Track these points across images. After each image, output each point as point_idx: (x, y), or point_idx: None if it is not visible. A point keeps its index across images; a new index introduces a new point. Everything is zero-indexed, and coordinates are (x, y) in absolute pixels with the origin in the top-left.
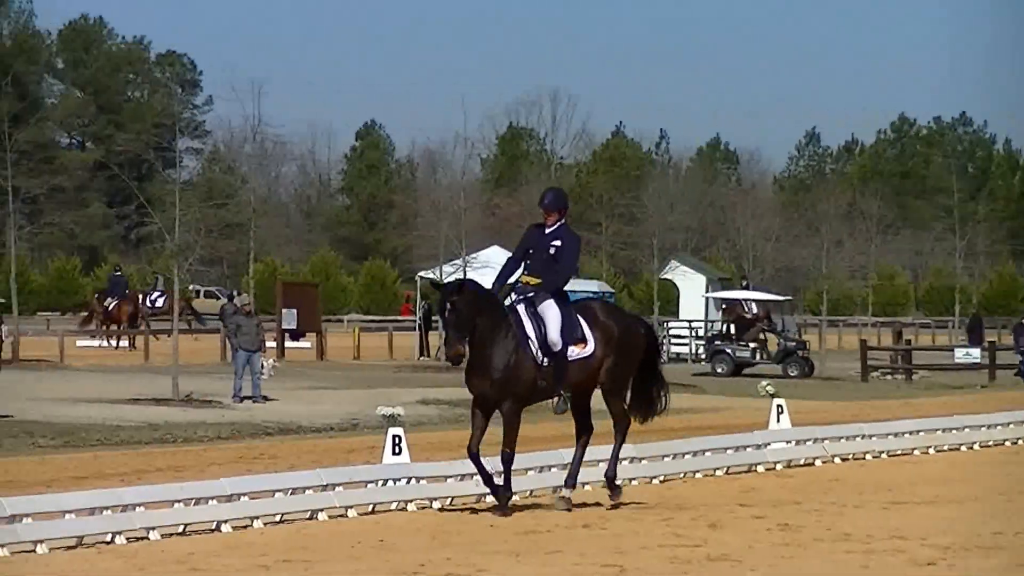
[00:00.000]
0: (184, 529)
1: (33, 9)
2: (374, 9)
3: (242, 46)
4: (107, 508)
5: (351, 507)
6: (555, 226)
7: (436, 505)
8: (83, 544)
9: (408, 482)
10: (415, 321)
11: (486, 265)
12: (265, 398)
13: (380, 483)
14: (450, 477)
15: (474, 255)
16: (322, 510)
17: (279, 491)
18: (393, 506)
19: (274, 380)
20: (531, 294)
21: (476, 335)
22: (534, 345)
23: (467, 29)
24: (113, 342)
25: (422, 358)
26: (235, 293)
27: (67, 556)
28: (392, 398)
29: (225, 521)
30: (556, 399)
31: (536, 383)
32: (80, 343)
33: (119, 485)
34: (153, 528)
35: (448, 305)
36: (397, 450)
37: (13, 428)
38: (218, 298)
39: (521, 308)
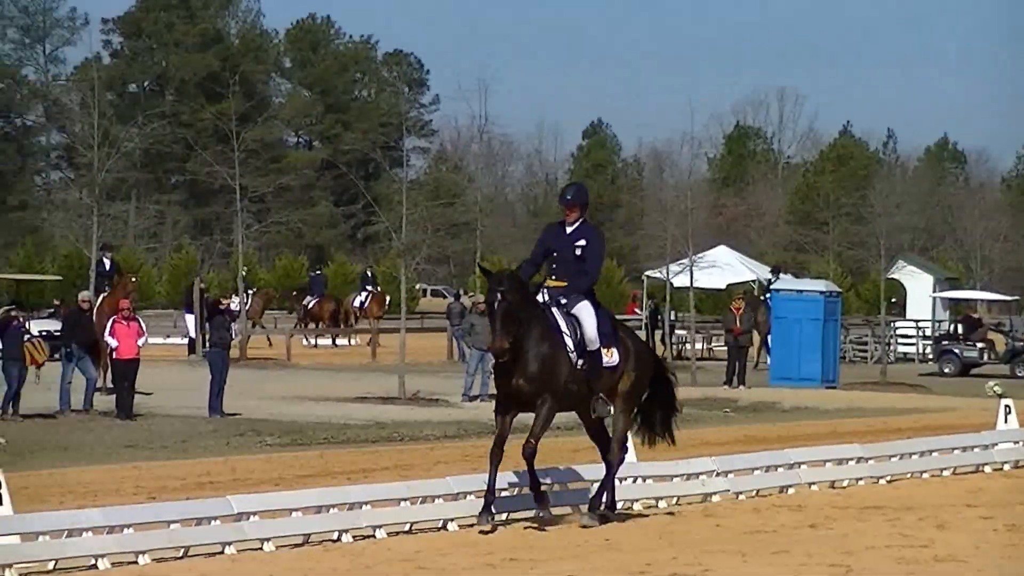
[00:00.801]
0: (410, 527)
1: (261, 9)
2: (601, 8)
3: (469, 45)
4: (334, 506)
5: (576, 507)
6: (577, 224)
7: (662, 504)
8: (309, 542)
9: (634, 481)
10: (641, 320)
11: (713, 265)
12: (491, 397)
13: (620, 481)
14: (676, 477)
15: (701, 255)
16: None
17: (504, 490)
18: (619, 505)
19: None
20: (561, 297)
21: (519, 330)
22: (570, 345)
23: (694, 28)
24: (312, 340)
25: None
26: (461, 292)
27: (293, 554)
28: None
29: (451, 519)
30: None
31: (568, 385)
32: (306, 342)
33: (346, 483)
34: (380, 526)
35: (499, 296)
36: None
37: (241, 426)
38: (444, 297)
39: (555, 309)
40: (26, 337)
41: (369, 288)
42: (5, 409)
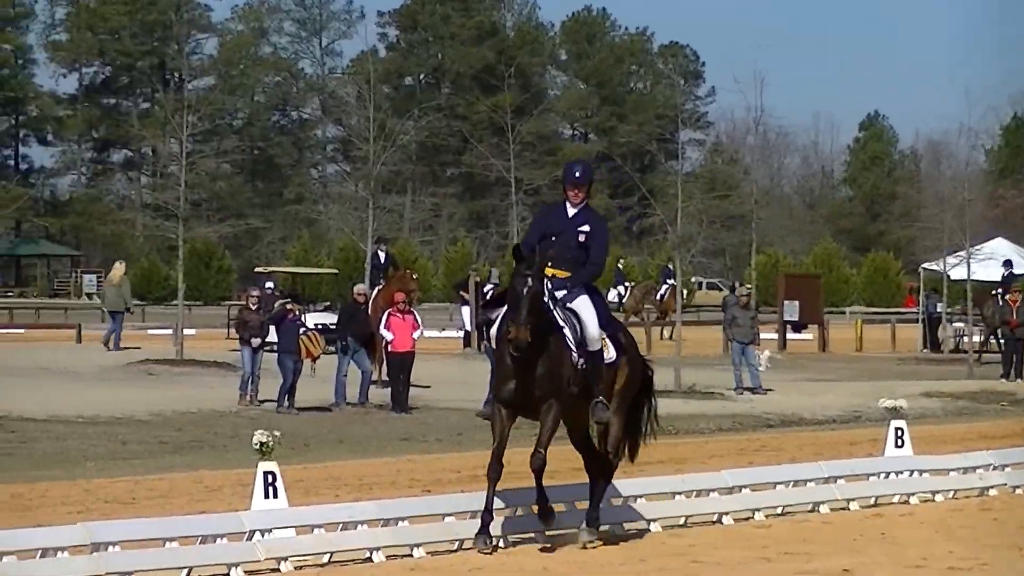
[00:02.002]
0: (685, 521)
1: (536, 1)
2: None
3: (745, 36)
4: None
5: (852, 500)
6: (580, 205)
7: (939, 498)
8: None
9: (910, 475)
10: (918, 313)
11: (990, 257)
12: (756, 390)
13: (882, 476)
14: (953, 470)
15: (978, 247)
16: (823, 503)
17: (780, 483)
18: (895, 499)
19: (774, 372)
20: (560, 288)
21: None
22: (572, 344)
23: (973, 19)
24: None
25: (924, 350)
26: (737, 285)
27: (567, 547)
28: (894, 390)
29: (726, 513)
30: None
31: (571, 387)
32: None
33: (621, 478)
34: (654, 520)
35: (528, 281)
36: (899, 443)
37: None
38: (720, 290)
39: (550, 303)
40: (302, 330)
41: (670, 281)
42: (281, 402)
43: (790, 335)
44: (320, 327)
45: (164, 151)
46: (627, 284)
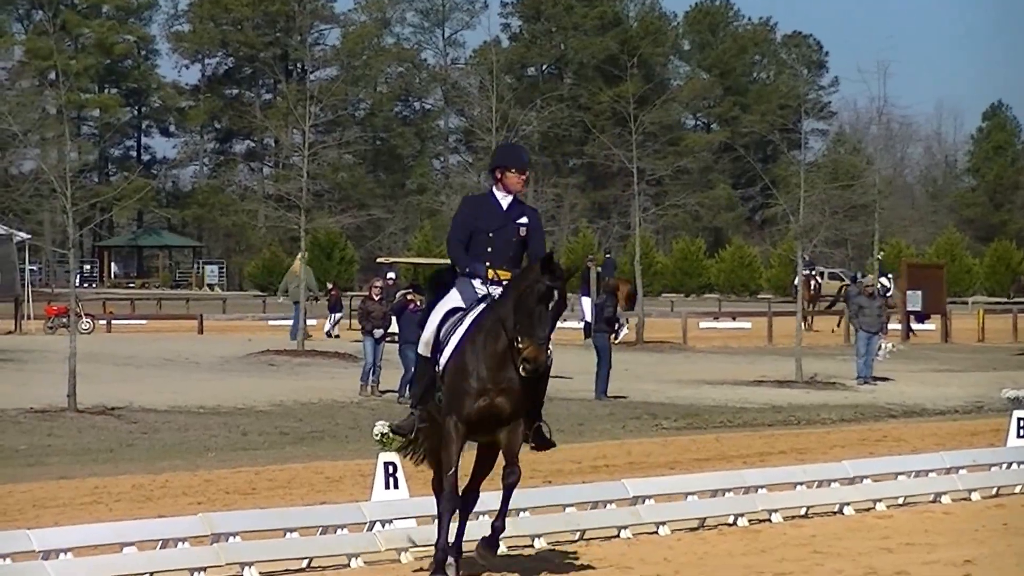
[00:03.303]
0: (806, 511)
1: None
2: None
3: (869, 26)
4: (729, 490)
5: (974, 490)
6: (512, 197)
7: None
8: (704, 526)
9: None
10: None
11: None
12: (877, 379)
13: (1004, 466)
14: None
15: None
16: (945, 493)
17: (902, 473)
18: (1017, 489)
19: (897, 362)
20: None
21: None
22: None
23: None
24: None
25: None
26: (859, 275)
27: (689, 537)
28: (1017, 380)
29: (847, 503)
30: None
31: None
32: (703, 324)
33: (741, 467)
34: (775, 510)
35: (554, 295)
36: (1021, 433)
37: (637, 410)
38: (842, 280)
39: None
40: None
41: (807, 271)
42: (403, 393)
43: (914, 325)
44: None
45: (287, 142)
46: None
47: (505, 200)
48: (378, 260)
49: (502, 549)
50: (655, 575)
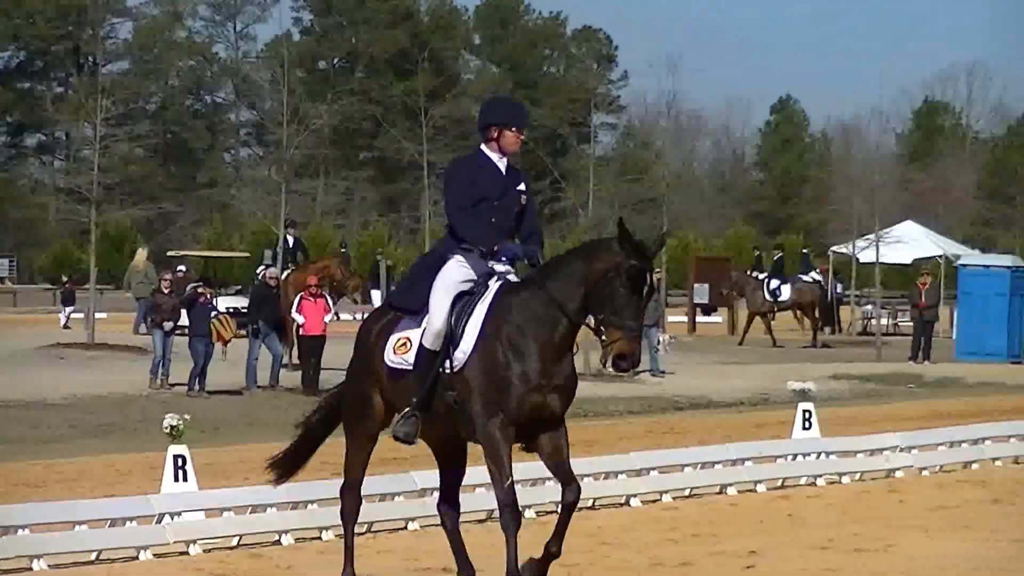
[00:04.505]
0: (594, 503)
1: None
2: None
3: (658, 20)
4: (518, 482)
5: (760, 482)
6: (508, 159)
7: (846, 480)
8: (492, 518)
9: (817, 457)
10: (826, 296)
11: (899, 240)
12: (663, 372)
13: (789, 458)
14: (860, 452)
15: (887, 230)
16: (731, 484)
17: (688, 465)
18: (802, 481)
19: (683, 354)
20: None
21: None
22: None
23: (883, 2)
24: None
25: (834, 333)
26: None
27: (477, 528)
28: (803, 373)
29: (634, 495)
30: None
31: None
32: None
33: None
34: (558, 503)
35: (648, 278)
36: (807, 425)
37: None
38: None
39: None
40: (213, 314)
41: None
42: (192, 385)
43: (700, 318)
44: (231, 311)
45: (78, 135)
46: None
47: (501, 163)
48: (168, 254)
49: (290, 540)
50: (442, 567)
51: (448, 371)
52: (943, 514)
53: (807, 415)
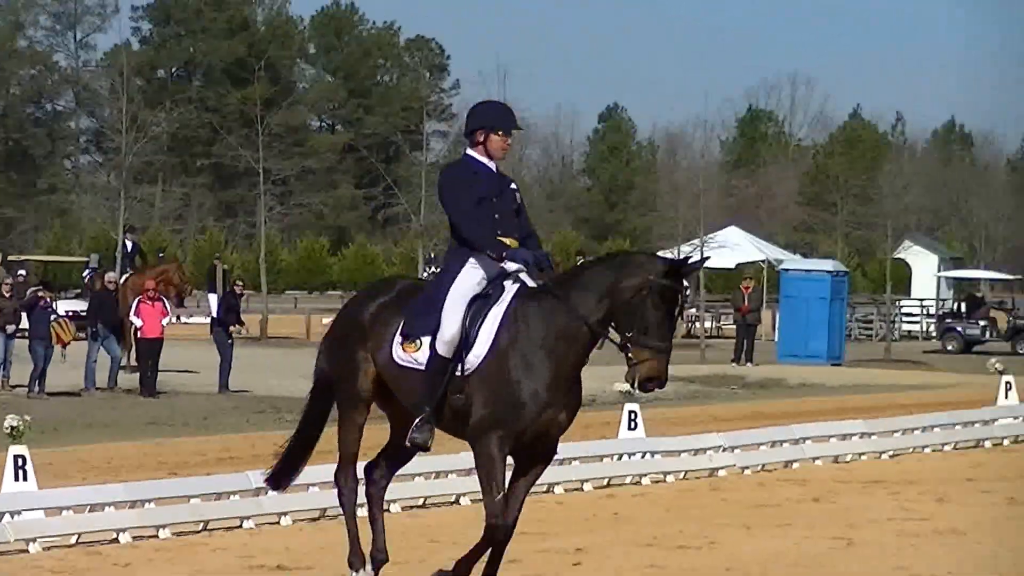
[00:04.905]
0: (424, 502)
1: None
2: None
3: (490, 31)
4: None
5: (587, 481)
6: (496, 162)
7: (670, 479)
8: (326, 516)
9: (643, 456)
10: None
11: (722, 245)
12: None
13: (615, 458)
14: (684, 452)
15: (711, 235)
16: (559, 484)
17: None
18: (627, 480)
19: None
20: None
21: None
22: None
23: (708, 14)
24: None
25: None
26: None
27: (309, 527)
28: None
29: (463, 494)
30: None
31: None
32: (326, 320)
33: (362, 459)
34: (394, 500)
35: (679, 297)
36: (632, 425)
37: (261, 404)
38: None
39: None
40: (52, 317)
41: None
42: (32, 387)
43: None
44: (71, 314)
45: None
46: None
47: (491, 165)
48: (8, 258)
49: (127, 538)
50: (276, 564)
51: (459, 374)
52: (764, 512)
53: (632, 416)
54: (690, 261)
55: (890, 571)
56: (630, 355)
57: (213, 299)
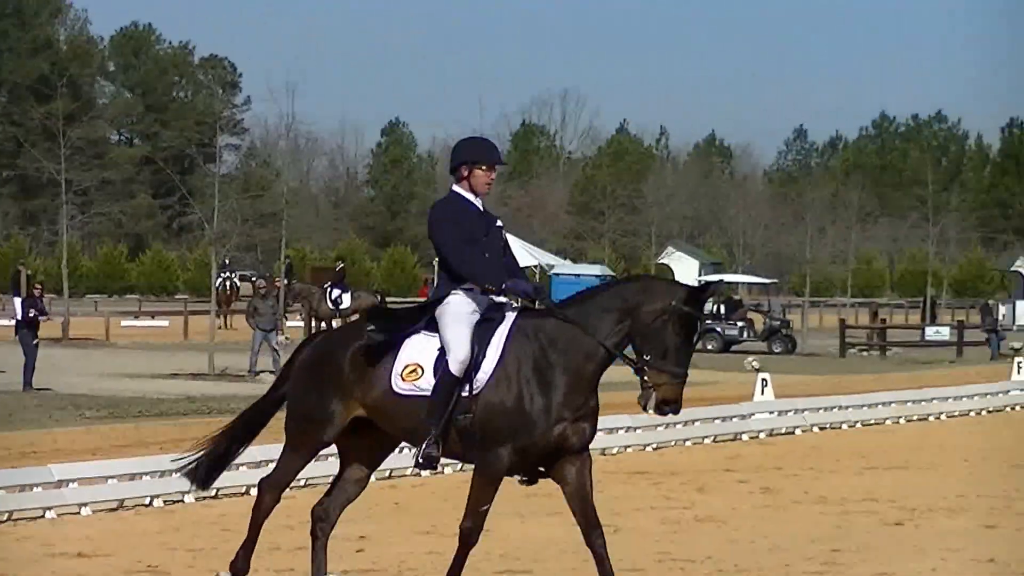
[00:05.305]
0: (216, 493)
1: (88, 16)
2: (401, 16)
3: (279, 50)
4: (147, 474)
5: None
6: (482, 197)
7: (448, 471)
8: (124, 506)
9: None
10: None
11: None
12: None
13: (398, 451)
14: None
15: None
16: None
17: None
18: (408, 472)
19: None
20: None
21: None
22: None
23: (485, 33)
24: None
25: None
26: (257, 276)
27: (109, 517)
28: None
29: (253, 486)
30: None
31: None
32: (125, 323)
33: (158, 453)
34: (187, 492)
35: (698, 324)
36: None
37: (63, 401)
38: (252, 281)
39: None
40: None
41: (227, 274)
42: None
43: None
44: None
45: None
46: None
47: (477, 202)
48: None
49: None
50: (77, 552)
51: (466, 394)
52: (536, 501)
53: None
54: (710, 287)
55: (653, 556)
56: (646, 378)
57: (18, 302)
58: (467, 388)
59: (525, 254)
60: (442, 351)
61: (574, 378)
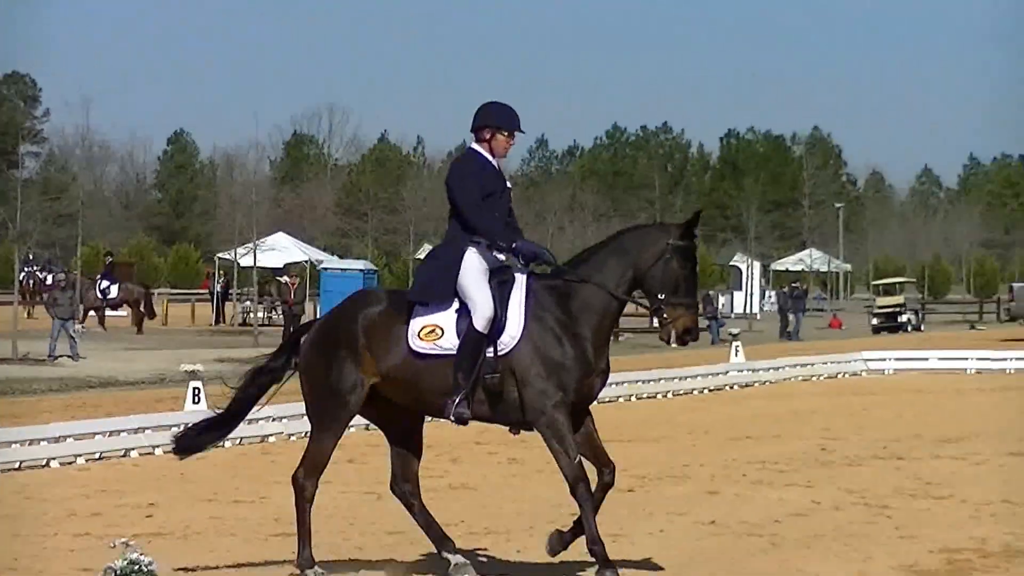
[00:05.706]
0: (20, 465)
1: None
2: (184, 38)
3: (77, 66)
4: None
5: (158, 446)
6: (498, 160)
7: (228, 444)
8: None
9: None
10: (213, 293)
11: (272, 248)
12: (78, 356)
13: (182, 426)
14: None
15: (262, 239)
16: (134, 449)
17: (98, 433)
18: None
19: (96, 341)
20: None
21: None
22: None
23: (260, 52)
24: None
25: (219, 324)
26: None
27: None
28: (193, 357)
29: (54, 458)
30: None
31: None
32: None
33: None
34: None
35: (695, 258)
36: (196, 399)
37: None
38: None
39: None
40: None
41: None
42: None
43: (109, 312)
44: None
45: None
46: None
47: (495, 162)
48: None
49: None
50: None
51: (492, 354)
52: None
53: (196, 391)
54: (697, 216)
55: (409, 518)
56: (664, 315)
57: None
58: (492, 348)
59: (297, 251)
60: (459, 312)
61: (595, 332)
